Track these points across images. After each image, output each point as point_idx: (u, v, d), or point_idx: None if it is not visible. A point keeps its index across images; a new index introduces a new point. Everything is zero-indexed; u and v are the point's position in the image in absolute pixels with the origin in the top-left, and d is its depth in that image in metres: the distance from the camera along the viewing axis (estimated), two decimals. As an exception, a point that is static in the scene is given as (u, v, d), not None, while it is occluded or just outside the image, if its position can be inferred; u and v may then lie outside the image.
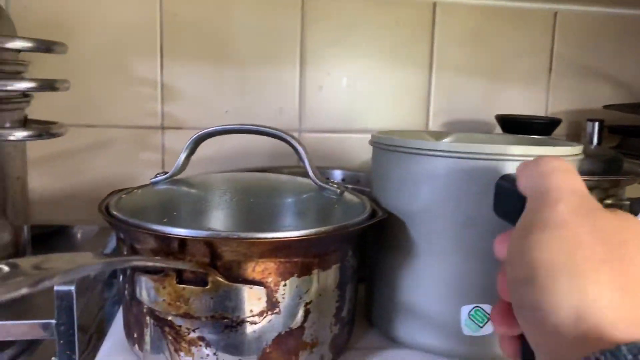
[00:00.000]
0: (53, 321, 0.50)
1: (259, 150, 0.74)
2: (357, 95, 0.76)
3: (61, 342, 0.50)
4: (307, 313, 0.36)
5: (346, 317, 0.39)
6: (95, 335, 0.57)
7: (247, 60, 0.72)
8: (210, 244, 0.32)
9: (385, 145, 0.42)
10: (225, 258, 0.33)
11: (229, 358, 0.34)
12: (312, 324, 0.36)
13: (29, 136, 0.51)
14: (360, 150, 0.76)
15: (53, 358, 0.51)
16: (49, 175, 0.71)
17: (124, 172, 0.73)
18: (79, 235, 0.72)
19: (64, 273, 0.25)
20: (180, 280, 0.33)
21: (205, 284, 0.33)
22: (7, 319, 0.51)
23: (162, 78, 0.71)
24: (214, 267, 0.33)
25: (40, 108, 0.61)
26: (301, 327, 0.36)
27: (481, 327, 0.39)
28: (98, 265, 0.28)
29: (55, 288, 0.49)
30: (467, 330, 0.39)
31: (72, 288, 0.50)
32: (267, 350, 0.35)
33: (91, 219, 0.71)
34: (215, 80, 0.72)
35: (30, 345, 0.58)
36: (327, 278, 0.36)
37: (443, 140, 0.53)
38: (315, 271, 0.35)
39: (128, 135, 0.72)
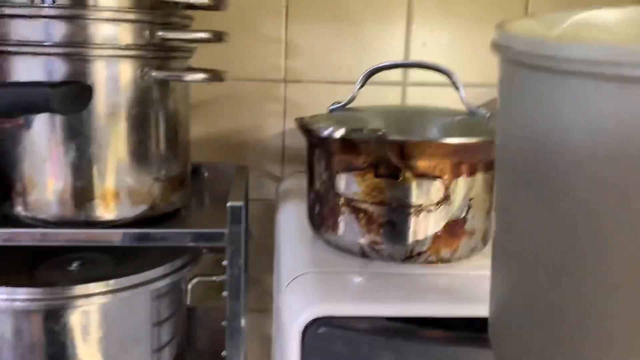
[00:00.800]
0: (226, 230, 0.61)
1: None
2: (456, 52, 0.83)
3: (232, 249, 0.61)
4: (469, 207, 0.45)
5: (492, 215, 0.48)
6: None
7: (360, 19, 0.81)
8: (403, 146, 0.42)
9: (548, 61, 0.20)
10: (414, 157, 0.42)
11: (409, 238, 0.44)
12: (472, 216, 0.45)
13: (204, 79, 0.62)
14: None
15: (224, 262, 0.62)
16: (192, 121, 0.82)
17: (251, 120, 0.83)
18: (206, 174, 0.83)
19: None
20: (377, 175, 0.43)
21: (397, 177, 0.42)
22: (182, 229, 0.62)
23: (286, 36, 0.81)
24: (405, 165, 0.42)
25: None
26: (464, 218, 0.45)
27: None
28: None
29: (229, 204, 0.60)
30: None
31: (242, 204, 0.60)
32: (438, 234, 0.44)
33: (225, 160, 0.81)
34: (331, 37, 0.81)
35: (195, 258, 0.69)
36: (485, 181, 0.45)
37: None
38: (478, 174, 0.44)
39: (255, 87, 0.82)
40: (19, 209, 0.58)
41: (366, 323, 0.37)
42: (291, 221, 0.59)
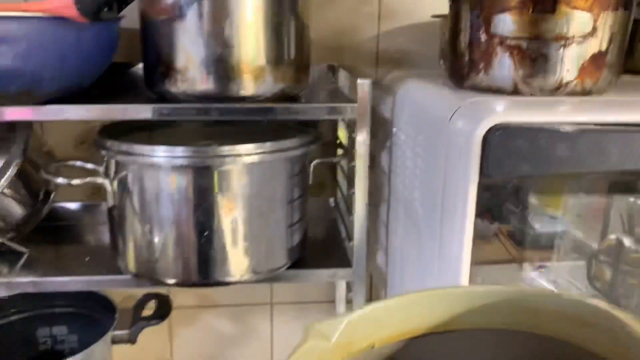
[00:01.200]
0: (355, 105, 0.67)
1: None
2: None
3: (361, 121, 0.68)
4: (610, 41, 0.51)
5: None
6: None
7: None
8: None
9: None
10: (568, -9, 0.48)
11: (559, 69, 0.50)
12: (611, 49, 0.51)
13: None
14: None
15: (353, 134, 0.69)
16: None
17: (347, 23, 0.88)
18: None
19: None
20: (534, 10, 0.48)
21: (554, 11, 0.48)
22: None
23: (381, -59, 0.86)
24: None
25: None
26: (606, 52, 0.51)
27: None
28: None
29: (359, 81, 0.66)
30: None
31: (369, 81, 0.66)
32: (584, 65, 0.50)
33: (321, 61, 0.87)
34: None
35: (318, 137, 0.75)
36: (623, 17, 0.51)
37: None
38: (619, 9, 0.50)
39: (351, -8, 0.87)
40: (175, 87, 0.65)
41: (540, 127, 0.44)
42: (417, 87, 0.65)
